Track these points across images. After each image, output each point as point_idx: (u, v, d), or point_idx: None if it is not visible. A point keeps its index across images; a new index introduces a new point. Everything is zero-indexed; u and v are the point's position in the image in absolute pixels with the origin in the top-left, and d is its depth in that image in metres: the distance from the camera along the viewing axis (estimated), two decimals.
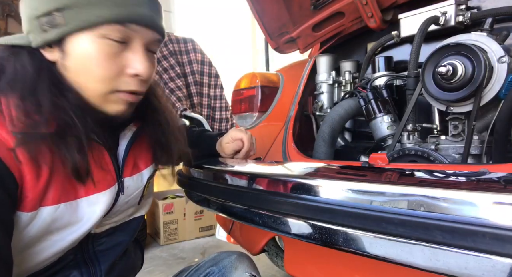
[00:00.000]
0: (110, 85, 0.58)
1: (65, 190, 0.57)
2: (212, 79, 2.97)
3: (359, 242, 0.53)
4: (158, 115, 0.73)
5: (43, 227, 0.56)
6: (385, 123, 1.02)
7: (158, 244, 2.38)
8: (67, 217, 0.58)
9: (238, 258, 0.80)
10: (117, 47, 0.57)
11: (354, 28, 1.24)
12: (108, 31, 0.55)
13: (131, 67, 0.59)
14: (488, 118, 0.84)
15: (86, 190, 0.61)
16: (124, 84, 0.59)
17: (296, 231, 0.63)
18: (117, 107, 0.61)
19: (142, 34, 0.59)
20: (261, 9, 1.35)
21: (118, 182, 0.67)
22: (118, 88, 0.59)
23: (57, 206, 0.56)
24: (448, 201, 0.45)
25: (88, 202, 0.61)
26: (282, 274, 1.81)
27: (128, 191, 0.70)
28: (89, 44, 0.55)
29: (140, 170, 0.73)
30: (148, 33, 0.60)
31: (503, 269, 0.39)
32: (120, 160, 0.69)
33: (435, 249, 0.44)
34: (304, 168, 0.81)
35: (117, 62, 0.57)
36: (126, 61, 0.58)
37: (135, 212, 0.76)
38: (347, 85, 1.26)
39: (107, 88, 0.58)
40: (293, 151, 1.11)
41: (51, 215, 0.55)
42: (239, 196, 0.77)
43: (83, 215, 0.60)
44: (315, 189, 0.61)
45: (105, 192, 0.63)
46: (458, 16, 0.93)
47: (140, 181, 0.73)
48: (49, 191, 0.55)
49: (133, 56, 0.59)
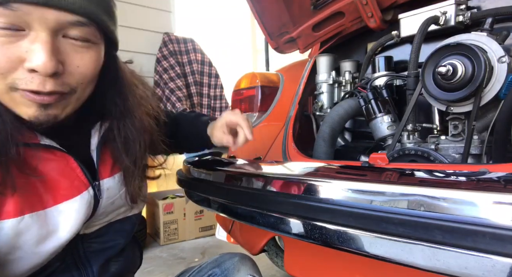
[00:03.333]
0: (4, 82, 0.47)
1: (28, 201, 0.52)
2: (212, 79, 2.98)
3: (359, 242, 0.53)
4: (113, 119, 0.64)
5: (7, 243, 0.50)
6: (385, 123, 1.02)
7: (158, 244, 2.38)
8: (35, 229, 0.52)
9: (240, 260, 0.79)
10: (9, 36, 0.46)
11: (354, 28, 1.24)
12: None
13: (27, 59, 0.47)
14: (488, 118, 0.84)
15: (53, 199, 0.55)
16: (22, 81, 0.47)
17: (296, 231, 0.63)
18: (27, 110, 0.50)
19: (38, 16, 0.46)
20: (261, 9, 1.35)
21: (92, 185, 0.61)
22: (15, 86, 0.48)
23: (20, 218, 0.50)
24: (448, 201, 0.45)
25: (57, 211, 0.55)
26: (282, 274, 1.81)
27: (110, 193, 0.64)
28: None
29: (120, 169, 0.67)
30: (49, 14, 0.46)
31: (503, 269, 0.39)
32: (95, 161, 0.63)
33: (435, 249, 0.44)
34: (304, 168, 0.81)
35: (9, 53, 0.46)
36: (23, 53, 0.47)
37: (128, 211, 0.71)
38: (347, 85, 1.26)
39: (3, 83, 0.48)
40: (293, 151, 1.11)
41: (13, 228, 0.50)
42: (239, 196, 0.77)
43: (56, 225, 0.55)
44: (315, 189, 0.61)
45: (76, 199, 0.57)
46: (458, 16, 0.94)
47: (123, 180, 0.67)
48: (6, 204, 0.50)
49: (30, 46, 0.47)
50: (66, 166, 0.58)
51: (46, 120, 0.51)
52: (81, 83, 0.53)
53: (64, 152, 0.57)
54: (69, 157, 0.58)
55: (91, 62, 0.53)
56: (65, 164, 0.58)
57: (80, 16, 0.49)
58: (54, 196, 0.56)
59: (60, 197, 0.56)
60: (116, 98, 0.63)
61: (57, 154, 0.57)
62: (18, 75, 0.47)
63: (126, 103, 0.65)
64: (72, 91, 0.53)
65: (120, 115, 0.64)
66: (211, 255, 2.20)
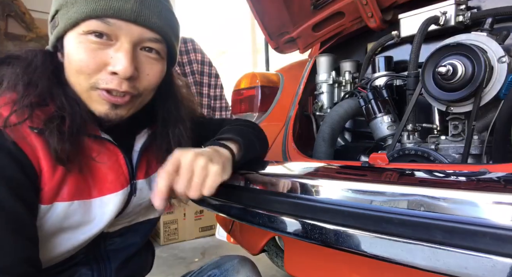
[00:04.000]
0: (89, 81, 0.57)
1: (79, 188, 0.58)
2: (212, 79, 2.97)
3: (359, 242, 0.53)
4: (167, 124, 0.71)
5: (56, 223, 0.57)
6: (385, 123, 1.02)
7: (158, 244, 2.38)
8: (79, 215, 0.59)
9: (240, 262, 0.80)
10: (99, 44, 0.56)
11: (354, 28, 1.24)
12: (87, 27, 0.55)
13: (111, 64, 0.57)
14: (488, 118, 0.84)
15: (99, 191, 0.61)
16: (103, 81, 0.57)
17: (296, 231, 0.63)
18: (100, 107, 0.59)
19: (126, 31, 0.57)
20: (261, 9, 1.35)
21: (131, 184, 0.67)
22: (97, 85, 0.57)
23: (70, 203, 0.57)
24: (448, 201, 0.45)
25: (100, 202, 0.61)
26: (282, 274, 1.81)
27: (141, 194, 0.69)
28: (73, 40, 0.57)
29: (150, 174, 0.72)
30: (135, 30, 0.58)
31: (503, 269, 0.39)
32: (134, 163, 0.69)
33: (435, 249, 0.44)
34: (304, 168, 0.81)
35: (97, 58, 0.56)
36: (108, 58, 0.57)
37: (149, 214, 0.75)
38: (347, 85, 1.26)
39: (86, 83, 0.57)
40: (293, 151, 1.11)
41: (64, 211, 0.57)
42: (240, 196, 0.77)
43: (95, 215, 0.61)
44: (315, 189, 0.61)
45: (118, 194, 0.63)
46: (458, 16, 0.94)
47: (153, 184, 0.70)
48: (63, 187, 0.56)
49: (115, 53, 0.57)
50: (116, 161, 0.64)
51: (114, 119, 0.60)
52: (146, 89, 0.63)
53: (117, 148, 0.64)
54: (120, 153, 0.64)
55: (157, 72, 0.63)
56: (115, 160, 0.64)
57: (157, 34, 0.60)
58: (100, 187, 0.62)
59: (106, 190, 0.62)
60: (171, 107, 0.72)
61: (110, 148, 0.63)
62: (101, 76, 0.57)
63: (179, 112, 0.73)
64: (139, 94, 0.62)
65: (174, 122, 0.72)
66: (211, 255, 2.21)
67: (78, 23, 0.56)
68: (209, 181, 0.57)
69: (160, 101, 0.71)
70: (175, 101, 0.73)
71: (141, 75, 0.60)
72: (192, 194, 0.57)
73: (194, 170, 0.56)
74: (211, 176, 0.57)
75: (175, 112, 0.72)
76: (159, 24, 0.60)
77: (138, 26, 0.57)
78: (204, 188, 0.57)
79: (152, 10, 0.59)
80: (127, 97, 0.60)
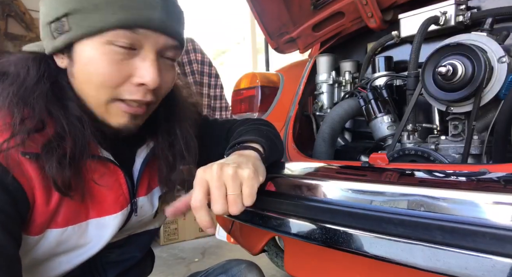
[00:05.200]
0: (111, 93, 0.54)
1: (75, 212, 0.55)
2: (212, 79, 2.98)
3: (359, 242, 0.53)
4: (169, 132, 0.67)
5: (49, 249, 0.54)
6: (385, 123, 1.02)
7: (158, 244, 2.38)
8: (74, 240, 0.56)
9: (247, 267, 0.78)
10: (124, 54, 0.53)
11: (354, 28, 1.24)
12: (114, 37, 0.51)
13: (137, 75, 0.54)
14: (488, 118, 0.84)
15: (98, 212, 0.58)
16: (128, 92, 0.54)
17: (296, 231, 0.63)
18: (119, 119, 0.56)
19: (153, 40, 0.54)
20: (261, 9, 1.35)
21: (131, 202, 0.63)
22: (120, 96, 0.54)
23: (64, 229, 0.54)
24: (448, 201, 0.45)
25: (98, 224, 0.58)
26: (282, 274, 1.81)
27: (142, 211, 0.66)
28: (94, 50, 0.52)
29: (152, 188, 0.69)
30: (161, 39, 0.55)
31: (503, 269, 0.39)
32: (135, 178, 0.65)
33: (435, 249, 0.44)
34: (304, 168, 0.81)
35: (122, 69, 0.53)
36: (133, 69, 0.54)
37: (149, 225, 0.72)
38: (347, 85, 1.26)
39: (108, 96, 0.54)
40: (293, 151, 1.11)
41: (57, 238, 0.53)
42: None
43: (91, 238, 0.58)
44: (315, 189, 0.61)
45: (117, 215, 0.60)
46: (458, 16, 0.93)
47: (154, 199, 0.69)
48: (59, 213, 0.53)
49: (141, 63, 0.54)
50: (115, 181, 0.60)
51: (132, 128, 0.58)
52: (162, 96, 0.60)
53: (117, 166, 0.60)
54: (120, 172, 0.60)
55: (172, 78, 0.61)
56: (115, 179, 0.60)
57: (178, 41, 0.58)
58: (99, 209, 0.58)
59: (104, 211, 0.58)
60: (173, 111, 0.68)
61: (110, 168, 0.59)
62: (125, 88, 0.54)
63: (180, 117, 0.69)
64: (157, 101, 0.60)
65: (175, 129, 0.68)
66: (211, 255, 2.21)
67: (101, 32, 0.51)
68: (246, 189, 0.51)
69: (161, 106, 0.66)
70: (177, 106, 0.69)
71: (161, 83, 0.57)
72: (233, 211, 0.50)
73: (225, 184, 0.50)
74: (246, 183, 0.51)
75: (176, 118, 0.68)
76: (180, 31, 0.58)
77: (164, 35, 0.55)
78: (243, 199, 0.51)
79: (174, 17, 0.56)
80: (144, 107, 0.57)
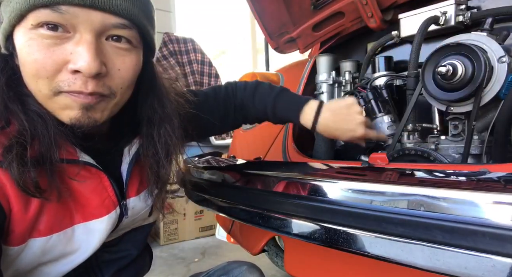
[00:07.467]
0: (50, 85, 0.48)
1: (58, 218, 0.52)
2: (212, 79, 2.98)
3: (359, 242, 0.53)
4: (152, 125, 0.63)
5: (34, 259, 0.51)
6: (385, 123, 1.02)
7: (158, 244, 2.38)
8: (60, 247, 0.53)
9: (248, 269, 0.78)
10: (54, 38, 0.47)
11: (354, 28, 1.24)
12: (37, 19, 0.45)
13: (71, 61, 0.47)
14: (488, 118, 0.84)
15: (83, 216, 0.55)
16: (66, 83, 0.48)
17: (296, 231, 0.63)
18: (69, 113, 0.49)
19: (84, 18, 0.47)
20: (261, 9, 1.35)
21: (120, 205, 0.60)
22: (60, 88, 0.48)
23: (48, 238, 0.51)
24: (448, 201, 0.45)
25: (84, 228, 0.55)
26: (282, 274, 1.81)
27: (134, 212, 0.64)
28: (23, 37, 0.47)
29: (144, 187, 0.66)
30: (94, 16, 0.47)
31: (503, 269, 0.39)
32: (124, 179, 0.62)
33: (435, 249, 0.44)
34: (304, 168, 0.81)
35: (54, 56, 0.47)
36: (67, 55, 0.47)
37: (143, 221, 0.71)
38: (347, 85, 1.26)
39: (47, 89, 0.48)
40: (293, 151, 1.11)
41: (41, 247, 0.50)
42: (239, 196, 0.77)
43: (79, 245, 0.55)
44: (315, 189, 0.61)
45: (103, 219, 0.57)
46: (458, 16, 0.93)
47: (148, 197, 0.67)
48: (40, 220, 0.49)
49: (74, 47, 0.47)
50: (99, 184, 0.57)
51: (87, 123, 0.51)
52: (121, 88, 0.53)
53: (99, 170, 0.57)
54: (103, 175, 0.57)
55: (132, 66, 0.53)
56: (99, 182, 0.57)
57: (123, 19, 0.50)
58: (84, 213, 0.55)
59: (89, 215, 0.56)
60: (155, 104, 0.63)
61: (92, 171, 0.56)
62: (62, 77, 0.48)
63: (164, 109, 0.64)
64: (111, 94, 0.52)
65: (160, 121, 0.63)
66: (211, 255, 2.21)
67: (23, 15, 0.46)
68: None
69: (142, 99, 0.62)
70: (159, 97, 0.63)
71: (111, 71, 0.51)
72: None
73: None
74: None
75: (159, 110, 0.63)
76: (124, 7, 0.49)
77: (98, 11, 0.47)
78: None
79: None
80: (96, 96, 0.50)
